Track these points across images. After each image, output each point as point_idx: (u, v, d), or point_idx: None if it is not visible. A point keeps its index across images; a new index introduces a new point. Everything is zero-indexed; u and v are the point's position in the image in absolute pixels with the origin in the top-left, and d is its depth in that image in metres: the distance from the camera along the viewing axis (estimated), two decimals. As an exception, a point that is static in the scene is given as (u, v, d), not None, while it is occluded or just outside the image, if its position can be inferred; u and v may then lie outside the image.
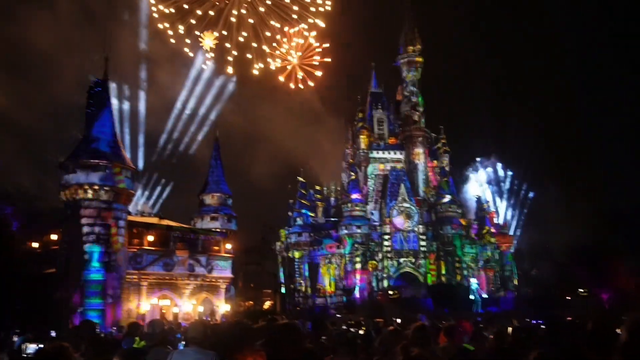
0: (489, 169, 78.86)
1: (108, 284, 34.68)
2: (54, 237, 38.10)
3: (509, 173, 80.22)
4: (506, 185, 79.91)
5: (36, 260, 36.28)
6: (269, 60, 41.58)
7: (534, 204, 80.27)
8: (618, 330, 3.34)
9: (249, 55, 40.00)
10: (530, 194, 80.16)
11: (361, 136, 68.10)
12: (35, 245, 39.50)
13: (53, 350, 3.79)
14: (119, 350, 7.36)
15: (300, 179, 68.49)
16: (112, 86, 42.94)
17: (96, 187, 35.23)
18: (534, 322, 22.30)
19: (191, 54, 40.23)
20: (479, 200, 70.21)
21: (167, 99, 63.52)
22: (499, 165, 79.99)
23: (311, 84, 42.22)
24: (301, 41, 40.09)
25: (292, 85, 41.27)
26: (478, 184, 74.61)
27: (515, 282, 67.35)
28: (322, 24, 39.48)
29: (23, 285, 31.30)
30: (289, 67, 40.42)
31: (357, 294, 58.68)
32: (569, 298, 54.25)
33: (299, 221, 66.45)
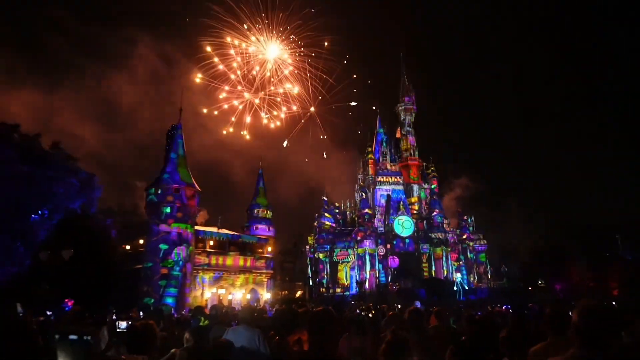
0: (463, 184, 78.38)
1: (181, 277, 34.91)
2: (141, 241, 38.63)
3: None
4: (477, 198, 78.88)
5: (128, 259, 36.77)
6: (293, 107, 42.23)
7: (502, 213, 79.16)
8: (570, 314, 3.35)
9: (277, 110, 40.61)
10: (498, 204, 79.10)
11: (369, 165, 69.80)
12: (127, 247, 40.14)
13: (141, 325, 3.90)
14: (189, 328, 7.45)
15: (324, 197, 69.42)
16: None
17: (172, 204, 35.68)
18: (504, 307, 21.91)
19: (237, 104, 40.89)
20: (459, 213, 70.19)
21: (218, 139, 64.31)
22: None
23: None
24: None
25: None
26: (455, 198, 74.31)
27: (489, 276, 66.44)
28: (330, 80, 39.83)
29: (119, 278, 31.74)
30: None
31: (367, 286, 58.15)
32: (531, 289, 53.11)
33: (323, 229, 66.73)
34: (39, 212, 32.91)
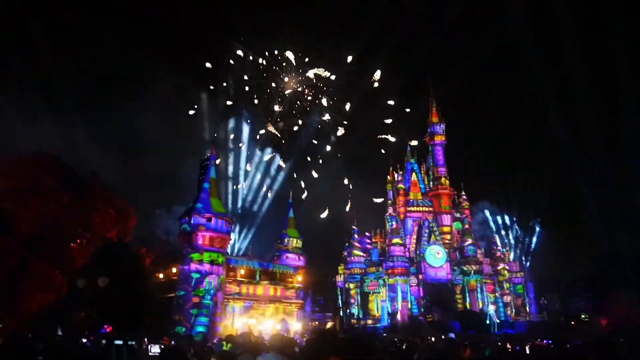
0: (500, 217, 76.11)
1: (212, 306, 35.00)
2: (174, 270, 39.13)
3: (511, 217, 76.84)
4: (513, 229, 76.37)
5: (161, 288, 37.21)
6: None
7: (540, 243, 76.24)
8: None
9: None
10: (535, 236, 76.23)
11: (399, 194, 69.17)
12: (160, 276, 40.72)
13: (174, 348, 3.95)
14: (214, 353, 7.52)
15: (354, 227, 69.01)
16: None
17: (204, 234, 36.17)
18: (545, 342, 20.80)
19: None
20: (493, 243, 68.13)
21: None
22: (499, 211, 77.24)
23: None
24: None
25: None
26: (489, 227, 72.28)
27: (527, 309, 63.55)
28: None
29: (152, 306, 32.11)
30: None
31: (399, 317, 56.64)
32: (573, 323, 50.29)
33: (353, 259, 66.11)
34: (77, 240, 34.02)
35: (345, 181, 58.23)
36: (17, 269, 28.85)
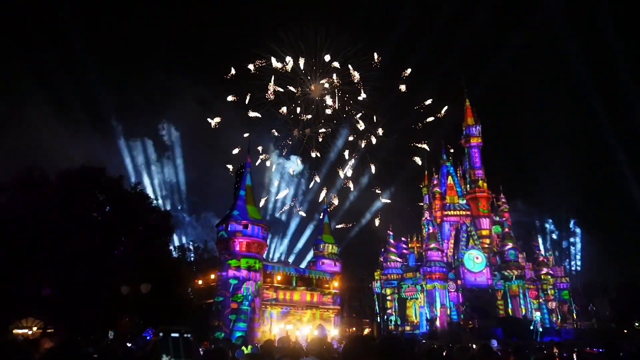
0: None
1: (250, 312, 35.37)
2: (212, 276, 39.82)
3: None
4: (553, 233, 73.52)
5: (200, 294, 37.92)
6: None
7: (583, 246, 73.05)
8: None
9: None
10: (576, 238, 73.07)
11: (436, 198, 68.05)
12: (199, 282, 41.55)
13: (216, 349, 4.05)
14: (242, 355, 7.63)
15: (390, 231, 68.22)
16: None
17: (241, 240, 36.69)
18: (595, 350, 19.88)
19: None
20: (535, 247, 65.83)
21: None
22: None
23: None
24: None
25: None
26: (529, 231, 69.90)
27: (574, 316, 60.81)
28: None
29: (192, 312, 32.77)
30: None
31: (438, 324, 55.46)
32: (625, 331, 47.76)
33: (389, 265, 65.37)
34: (121, 248, 35.21)
35: (378, 191, 57.73)
36: (70, 277, 30.16)
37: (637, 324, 52.54)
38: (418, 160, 57.30)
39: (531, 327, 50.33)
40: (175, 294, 32.90)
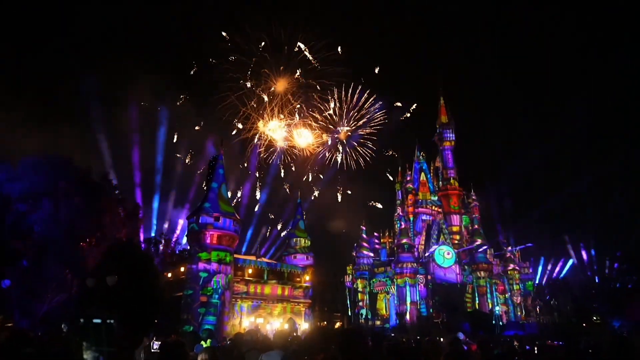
0: None
1: (220, 305, 35.01)
2: (182, 269, 39.24)
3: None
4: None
5: (169, 287, 37.28)
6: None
7: (551, 244, 75.38)
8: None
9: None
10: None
11: (408, 195, 68.61)
12: (169, 275, 40.84)
13: (173, 342, 3.89)
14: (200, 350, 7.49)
15: (362, 227, 68.63)
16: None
17: (212, 233, 36.20)
18: (556, 343, 20.53)
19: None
20: (504, 243, 67.44)
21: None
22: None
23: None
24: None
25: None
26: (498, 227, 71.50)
27: (538, 310, 62.85)
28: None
29: (160, 305, 32.13)
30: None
31: (407, 318, 56.31)
32: (585, 325, 49.60)
33: (362, 260, 65.82)
34: (87, 240, 34.25)
35: (349, 192, 58.10)
36: (31, 269, 29.15)
37: (595, 318, 54.63)
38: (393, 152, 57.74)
39: (493, 322, 51.75)
40: (144, 287, 32.19)
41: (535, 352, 15.70)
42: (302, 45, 46.68)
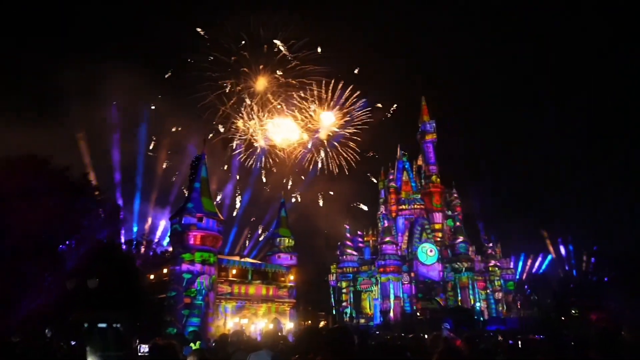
0: None
1: (204, 307, 34.69)
2: (165, 270, 38.74)
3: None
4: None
5: (152, 289, 36.80)
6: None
7: (530, 240, 76.90)
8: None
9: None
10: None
11: (391, 193, 69.17)
12: (151, 277, 40.27)
13: (164, 343, 3.80)
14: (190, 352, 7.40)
15: (346, 225, 68.94)
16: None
17: (195, 233, 35.82)
18: (537, 337, 20.88)
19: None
20: (485, 240, 68.54)
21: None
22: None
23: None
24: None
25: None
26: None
27: (519, 305, 64.05)
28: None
29: (143, 308, 31.69)
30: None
31: (391, 315, 56.69)
32: (564, 319, 50.78)
33: (346, 258, 66.06)
34: (67, 242, 33.50)
35: (331, 192, 58.33)
36: (8, 273, 28.38)
37: (574, 312, 55.94)
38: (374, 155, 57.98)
39: (469, 318, 52.50)
40: (126, 289, 31.68)
41: (520, 346, 15.95)
42: (278, 42, 46.53)
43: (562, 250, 74.92)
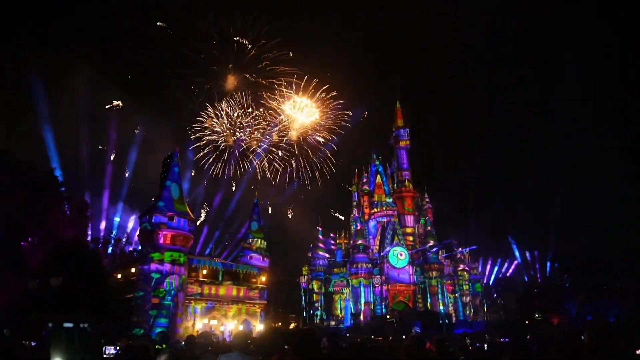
0: None
1: (173, 307, 34.08)
2: (133, 270, 37.91)
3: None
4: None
5: (119, 288, 35.92)
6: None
7: (498, 245, 78.90)
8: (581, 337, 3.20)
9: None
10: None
11: (364, 196, 69.40)
12: (119, 276, 39.30)
13: (139, 345, 3.72)
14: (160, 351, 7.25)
15: (319, 227, 69.02)
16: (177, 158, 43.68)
17: (165, 232, 35.21)
18: (502, 339, 21.42)
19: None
20: (455, 245, 69.76)
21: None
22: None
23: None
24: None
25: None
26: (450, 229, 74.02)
27: (485, 309, 65.58)
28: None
29: (109, 308, 30.87)
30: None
31: (362, 318, 57.03)
32: (528, 322, 52.31)
33: (317, 260, 66.13)
34: (29, 239, 32.34)
35: (301, 197, 58.53)
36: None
37: (537, 316, 57.73)
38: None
39: (439, 321, 53.47)
40: (91, 289, 30.78)
41: (485, 348, 16.35)
42: (243, 40, 46.31)
43: (528, 255, 77.22)
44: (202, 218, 62.94)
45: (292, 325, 58.53)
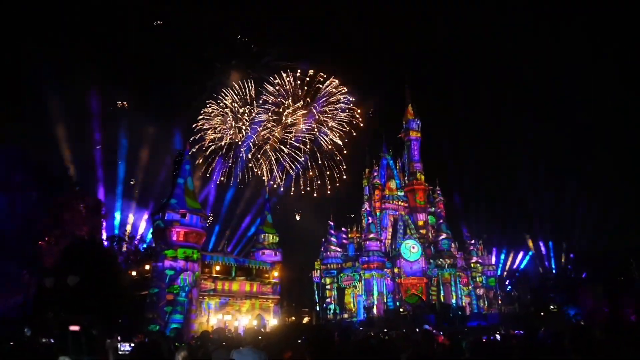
0: None
1: (187, 303, 34.42)
2: (147, 267, 38.33)
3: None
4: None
5: (134, 285, 36.40)
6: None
7: (512, 238, 78.15)
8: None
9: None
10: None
11: (375, 190, 69.13)
12: (133, 273, 39.81)
13: (151, 343, 3.77)
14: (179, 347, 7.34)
15: (330, 222, 68.92)
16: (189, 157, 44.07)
17: (178, 230, 35.49)
18: (516, 332, 21.27)
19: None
20: (468, 237, 69.39)
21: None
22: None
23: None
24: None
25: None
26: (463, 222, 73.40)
27: (499, 301, 65.14)
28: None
29: (125, 305, 31.34)
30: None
31: (375, 311, 57.06)
32: (543, 314, 51.91)
33: (330, 255, 66.20)
34: (46, 238, 32.92)
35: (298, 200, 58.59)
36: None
37: (552, 307, 57.19)
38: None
39: (451, 314, 53.26)
40: (107, 287, 31.23)
41: (500, 341, 16.24)
42: (245, 39, 46.59)
43: (542, 247, 76.43)
44: (211, 217, 63.34)
45: (305, 320, 58.87)
